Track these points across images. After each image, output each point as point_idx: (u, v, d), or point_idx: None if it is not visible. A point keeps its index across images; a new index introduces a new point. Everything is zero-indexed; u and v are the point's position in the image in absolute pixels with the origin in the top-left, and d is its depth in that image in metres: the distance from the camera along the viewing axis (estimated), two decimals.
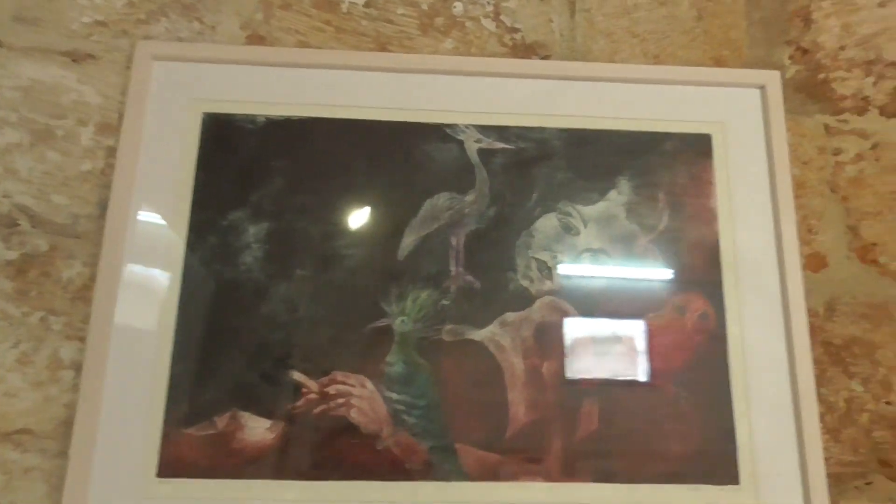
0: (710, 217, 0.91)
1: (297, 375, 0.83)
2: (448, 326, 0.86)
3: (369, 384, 0.83)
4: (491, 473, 0.82)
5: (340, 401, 0.82)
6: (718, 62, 0.99)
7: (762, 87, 0.95)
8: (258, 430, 0.81)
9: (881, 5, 1.01)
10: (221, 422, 0.81)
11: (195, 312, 0.84)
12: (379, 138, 0.92)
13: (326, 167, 0.91)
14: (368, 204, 0.90)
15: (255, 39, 0.96)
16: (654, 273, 0.89)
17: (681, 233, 0.90)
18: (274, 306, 0.85)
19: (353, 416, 0.82)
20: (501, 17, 1.00)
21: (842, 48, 1.00)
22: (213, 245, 0.87)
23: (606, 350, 0.86)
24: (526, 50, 0.99)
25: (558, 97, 0.95)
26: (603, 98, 0.95)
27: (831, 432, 0.87)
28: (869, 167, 0.96)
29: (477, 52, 0.98)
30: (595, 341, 0.86)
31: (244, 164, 0.90)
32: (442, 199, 0.91)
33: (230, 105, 0.92)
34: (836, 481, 0.85)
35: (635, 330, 0.87)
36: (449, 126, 0.93)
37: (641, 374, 0.85)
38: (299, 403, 0.82)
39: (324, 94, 0.93)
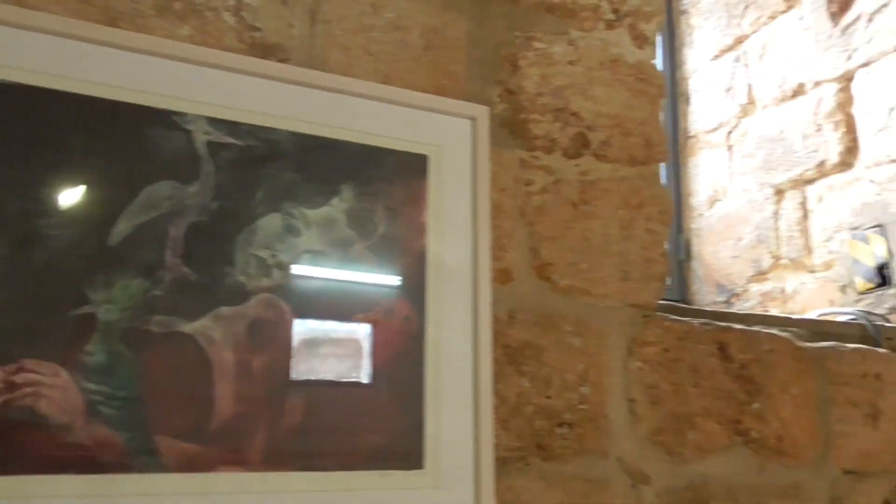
0: (420, 230, 1.01)
1: None
2: (157, 317, 0.84)
3: (64, 373, 0.79)
4: (191, 465, 0.83)
5: (28, 390, 0.77)
6: (440, 91, 1.10)
7: (473, 119, 1.08)
8: None
9: (571, 63, 1.20)
10: None
11: None
12: (100, 116, 0.88)
13: (36, 139, 0.84)
14: (81, 184, 0.85)
15: None
16: (368, 277, 0.97)
17: (394, 242, 0.99)
18: None
19: (42, 406, 0.77)
20: (242, 14, 1.01)
21: (539, 94, 1.17)
22: None
23: (316, 347, 0.91)
24: (265, 50, 1.01)
25: (293, 101, 0.99)
26: (335, 108, 1.01)
27: (502, 422, 1.02)
28: (551, 199, 1.14)
29: (214, 44, 0.98)
30: (306, 339, 0.91)
31: None
32: (163, 188, 0.89)
33: None
34: (502, 464, 1.00)
35: (346, 329, 0.94)
36: (177, 114, 0.92)
37: (348, 371, 0.92)
38: None
39: (40, 60, 0.86)
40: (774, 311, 1.95)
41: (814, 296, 1.87)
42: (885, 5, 1.76)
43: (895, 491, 1.32)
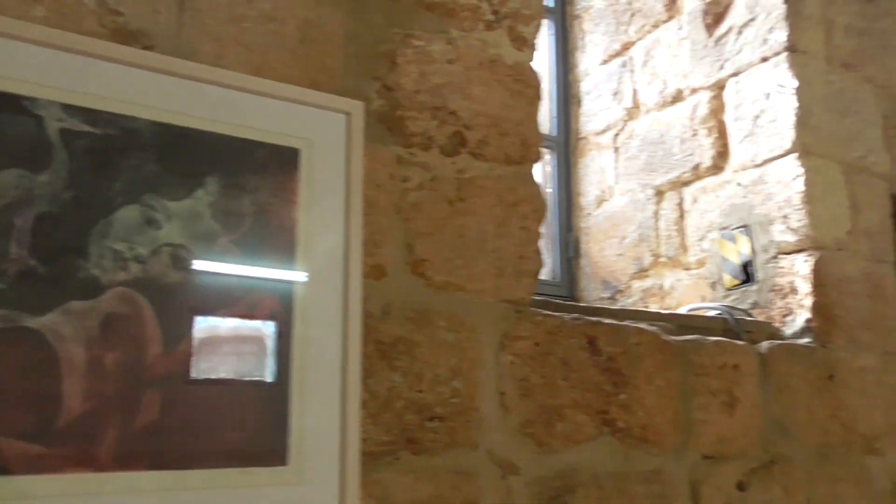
0: (290, 224, 1.00)
1: None
2: (0, 312, 0.80)
3: None
4: (36, 466, 0.79)
5: None
6: (314, 84, 1.09)
7: (348, 114, 1.08)
8: None
9: (449, 62, 1.22)
10: None
11: None
12: None
13: None
14: None
15: None
16: (233, 271, 0.95)
17: (262, 236, 0.98)
18: None
19: None
20: None
21: (417, 92, 1.18)
22: None
23: (176, 343, 0.89)
24: (128, 36, 0.97)
25: (157, 90, 0.96)
26: (202, 98, 0.98)
27: (372, 417, 1.03)
28: (427, 195, 1.15)
29: (71, 28, 0.94)
30: (165, 334, 0.88)
31: None
32: (9, 177, 0.85)
33: None
34: (372, 458, 1.01)
35: (209, 325, 0.92)
36: (28, 99, 0.87)
37: (205, 366, 0.90)
38: None
39: None
40: (654, 307, 2.05)
41: (688, 292, 1.98)
42: (752, 19, 1.88)
43: (748, 472, 1.41)
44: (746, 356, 1.47)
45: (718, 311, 1.67)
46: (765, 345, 1.53)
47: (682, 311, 1.76)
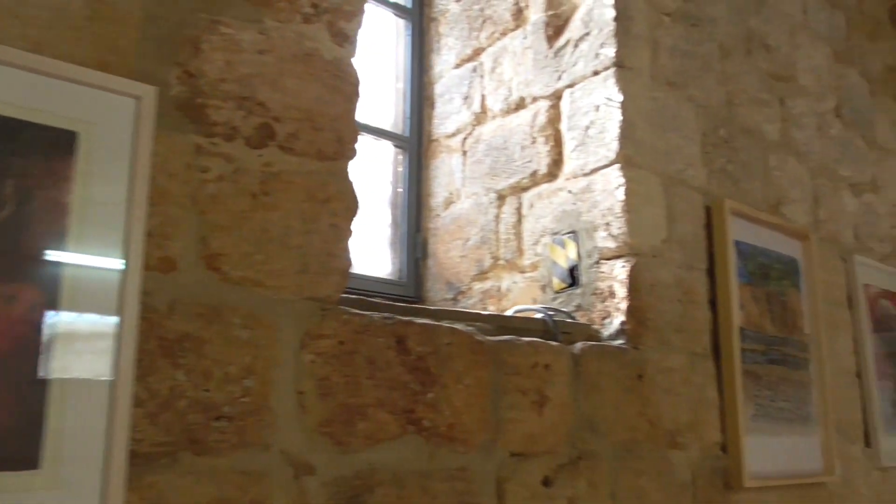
0: (61, 211, 0.94)
1: None
2: None
3: None
4: None
5: None
6: (103, 66, 1.03)
7: (138, 98, 1.03)
8: None
9: (260, 52, 1.19)
10: None
11: None
12: None
13: None
14: None
15: None
16: None
17: (26, 222, 0.91)
18: None
19: None
20: None
21: (222, 80, 1.14)
22: None
23: None
24: None
25: None
26: None
27: (150, 416, 0.98)
28: (228, 188, 1.12)
29: None
30: None
31: None
32: None
33: None
34: (146, 460, 0.96)
35: None
36: None
37: None
38: None
39: None
40: (492, 308, 2.09)
41: (522, 294, 2.04)
42: (587, 34, 1.96)
43: (555, 468, 1.47)
44: (559, 356, 1.53)
45: (541, 313, 1.72)
46: (578, 345, 1.60)
47: (510, 312, 1.80)
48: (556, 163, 2.00)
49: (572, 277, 1.89)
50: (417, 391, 1.28)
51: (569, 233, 1.92)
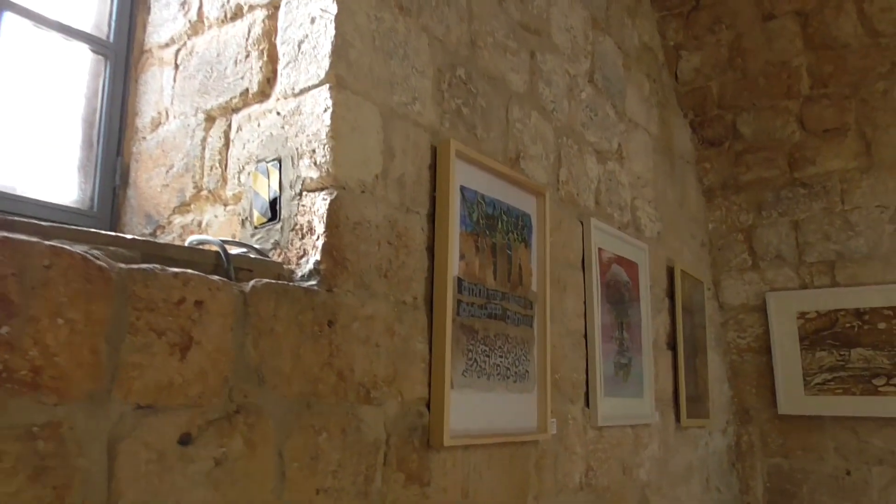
0: None
1: None
2: None
3: None
4: None
5: None
6: None
7: None
8: None
9: None
10: None
11: None
12: None
13: None
14: None
15: None
16: None
17: None
18: None
19: None
20: None
21: None
22: None
23: None
24: None
25: None
26: None
27: None
28: None
29: None
30: None
31: None
32: None
33: None
34: None
35: None
36: None
37: None
38: None
39: None
40: None
41: (222, 229, 1.76)
42: None
43: (203, 424, 1.23)
44: (218, 293, 1.28)
45: (218, 245, 1.46)
46: (251, 283, 1.36)
47: (187, 244, 1.53)
48: (269, 81, 1.74)
49: (273, 211, 1.65)
50: None
51: (274, 160, 1.68)
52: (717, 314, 3.96)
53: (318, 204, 1.57)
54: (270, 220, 1.66)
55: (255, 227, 1.68)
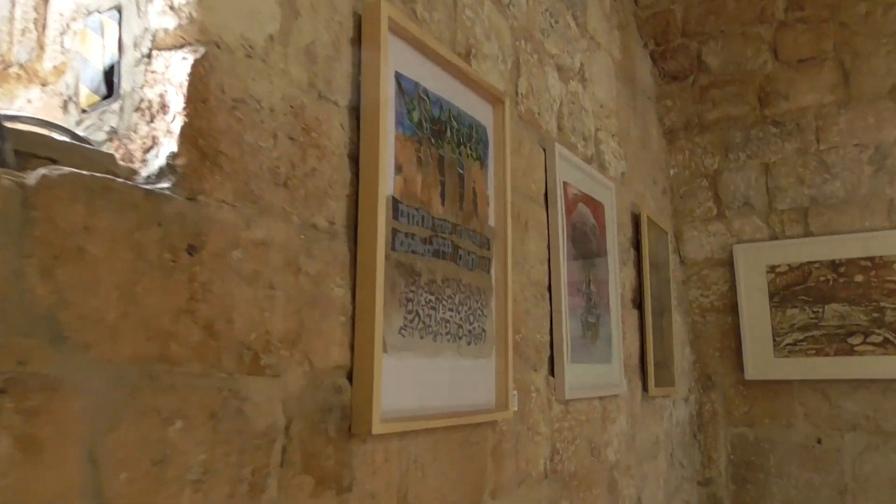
0: None
1: None
2: None
3: None
4: None
5: None
6: None
7: None
8: None
9: None
10: None
11: None
12: None
13: None
14: None
15: None
16: None
17: None
18: None
19: None
20: None
21: None
22: None
23: None
24: None
25: None
26: None
27: None
28: None
29: None
30: None
31: None
32: None
33: None
34: None
35: None
36: None
37: None
38: None
39: None
40: None
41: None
42: None
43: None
44: None
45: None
46: (38, 172, 0.80)
47: None
48: None
49: (109, 84, 1.08)
50: None
51: (111, 8, 1.10)
52: (678, 270, 3.57)
53: (176, 68, 1.00)
54: (106, 97, 1.08)
55: (84, 111, 1.10)
